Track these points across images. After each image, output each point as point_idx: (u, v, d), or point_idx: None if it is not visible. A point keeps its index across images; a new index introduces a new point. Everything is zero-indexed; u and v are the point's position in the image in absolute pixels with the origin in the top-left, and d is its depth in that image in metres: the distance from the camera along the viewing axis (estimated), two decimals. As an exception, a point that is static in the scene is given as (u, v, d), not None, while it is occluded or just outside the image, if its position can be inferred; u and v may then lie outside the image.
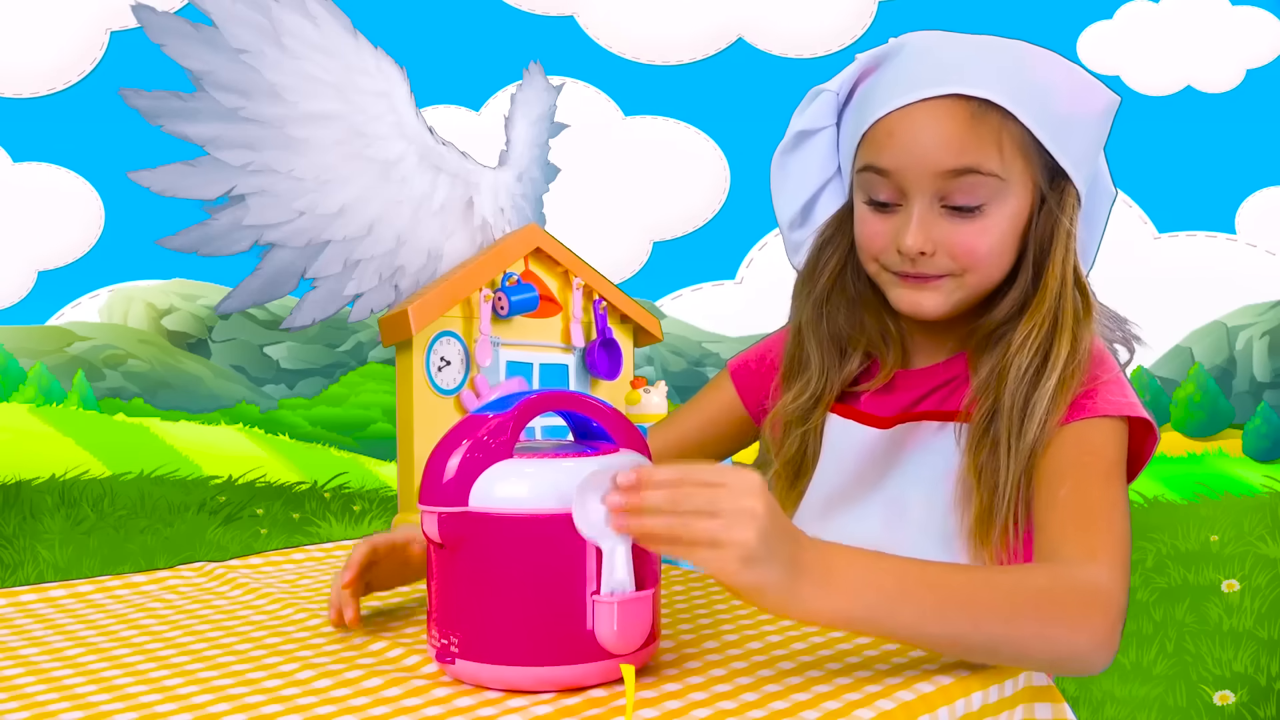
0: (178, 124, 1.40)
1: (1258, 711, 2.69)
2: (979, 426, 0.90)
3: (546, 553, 0.68)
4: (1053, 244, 0.91)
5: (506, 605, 0.68)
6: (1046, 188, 0.91)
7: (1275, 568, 4.09)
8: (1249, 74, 8.88)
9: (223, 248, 2.18)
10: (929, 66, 0.89)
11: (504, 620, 0.69)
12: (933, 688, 0.72)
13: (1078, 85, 0.92)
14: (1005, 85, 0.87)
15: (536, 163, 3.15)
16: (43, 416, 7.43)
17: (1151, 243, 8.59)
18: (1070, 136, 0.90)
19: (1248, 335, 9.87)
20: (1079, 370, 0.89)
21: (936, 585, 0.73)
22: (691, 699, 0.69)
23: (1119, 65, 9.11)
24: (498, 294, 1.36)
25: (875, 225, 0.91)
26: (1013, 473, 0.87)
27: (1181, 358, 10.08)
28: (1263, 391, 9.44)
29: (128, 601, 0.93)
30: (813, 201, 1.00)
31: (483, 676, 0.70)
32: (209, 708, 0.67)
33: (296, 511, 5.68)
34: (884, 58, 0.93)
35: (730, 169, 8.42)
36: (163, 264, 8.81)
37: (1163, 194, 8.64)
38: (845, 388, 0.99)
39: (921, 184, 0.88)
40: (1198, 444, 8.83)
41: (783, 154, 0.99)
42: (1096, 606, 0.77)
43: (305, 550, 1.12)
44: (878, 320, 0.98)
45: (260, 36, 1.38)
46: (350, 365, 10.90)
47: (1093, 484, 0.85)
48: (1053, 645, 0.75)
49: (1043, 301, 0.90)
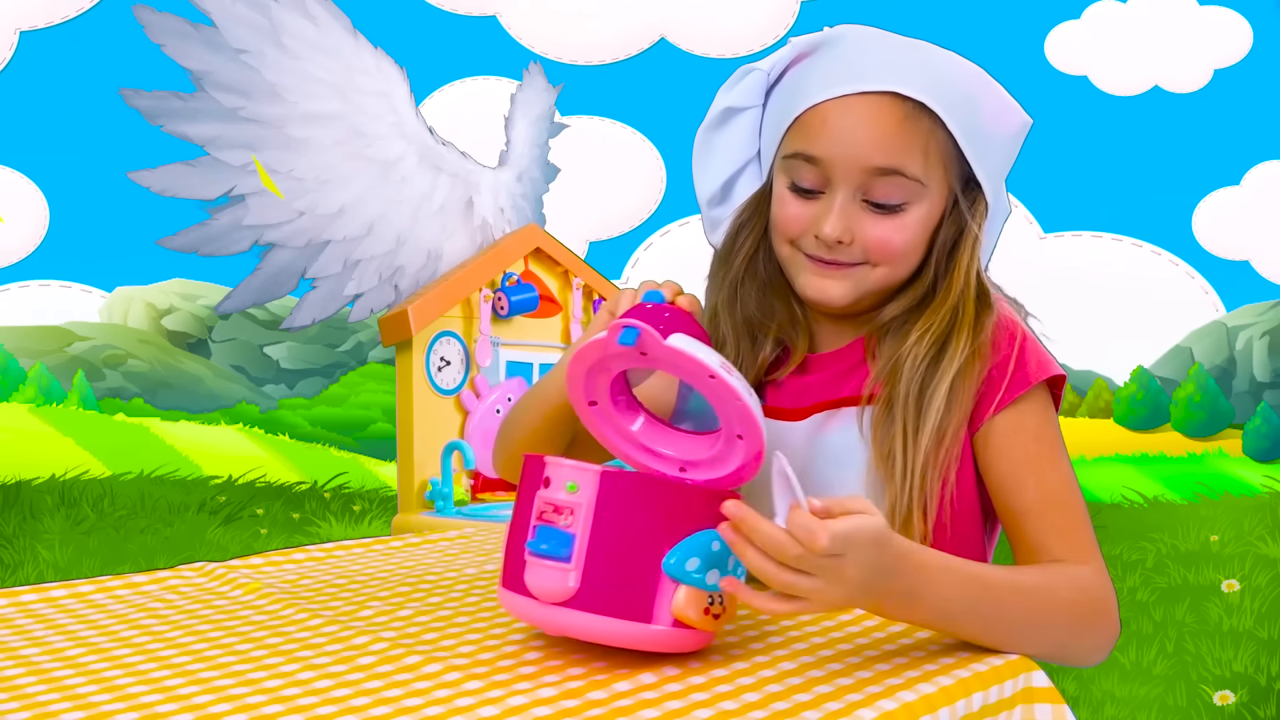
0: (178, 124, 1.40)
1: (1258, 711, 2.69)
2: (880, 415, 0.93)
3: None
4: (959, 247, 0.94)
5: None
6: (960, 195, 0.94)
7: (1275, 568, 4.09)
8: (1216, 74, 8.91)
9: (223, 248, 2.18)
10: (869, 61, 0.91)
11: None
12: (934, 688, 0.72)
13: (1000, 104, 0.95)
14: (940, 92, 0.89)
15: (536, 163, 3.14)
16: (43, 416, 7.43)
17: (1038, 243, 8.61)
18: (988, 150, 0.93)
19: (1248, 335, 9.86)
20: (979, 359, 0.92)
21: (994, 599, 0.81)
22: (693, 699, 0.69)
23: (1086, 65, 9.13)
24: (498, 294, 1.35)
25: (795, 209, 0.93)
26: (916, 463, 0.90)
27: (1181, 358, 10.07)
28: (1263, 391, 9.43)
29: (129, 602, 0.93)
30: (733, 180, 1.01)
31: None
32: (210, 708, 0.67)
33: (296, 511, 5.67)
34: (820, 45, 0.94)
35: (666, 169, 8.43)
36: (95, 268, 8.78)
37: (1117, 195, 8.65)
38: (760, 376, 1.00)
39: (848, 176, 0.90)
40: (1198, 444, 8.83)
41: (707, 130, 1.00)
42: (1106, 612, 0.86)
43: (305, 550, 1.11)
44: (786, 305, 1.00)
45: (260, 37, 1.38)
46: (350, 365, 10.89)
47: (1050, 474, 0.91)
48: (1075, 651, 0.86)
49: (945, 300, 0.93)
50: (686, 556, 0.73)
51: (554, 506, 0.74)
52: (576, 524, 0.73)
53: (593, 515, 0.73)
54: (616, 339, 0.77)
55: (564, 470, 0.75)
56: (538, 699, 0.69)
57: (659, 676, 0.73)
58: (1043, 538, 0.90)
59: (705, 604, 0.74)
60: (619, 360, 0.80)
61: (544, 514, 0.74)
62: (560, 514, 0.74)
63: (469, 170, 3.20)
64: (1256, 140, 9.15)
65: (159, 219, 2.69)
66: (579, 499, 0.73)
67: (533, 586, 0.74)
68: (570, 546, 0.73)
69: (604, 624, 0.73)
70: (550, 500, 0.74)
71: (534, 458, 0.77)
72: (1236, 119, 9.06)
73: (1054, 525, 0.90)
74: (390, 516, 5.37)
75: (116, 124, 2.88)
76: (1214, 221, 9.28)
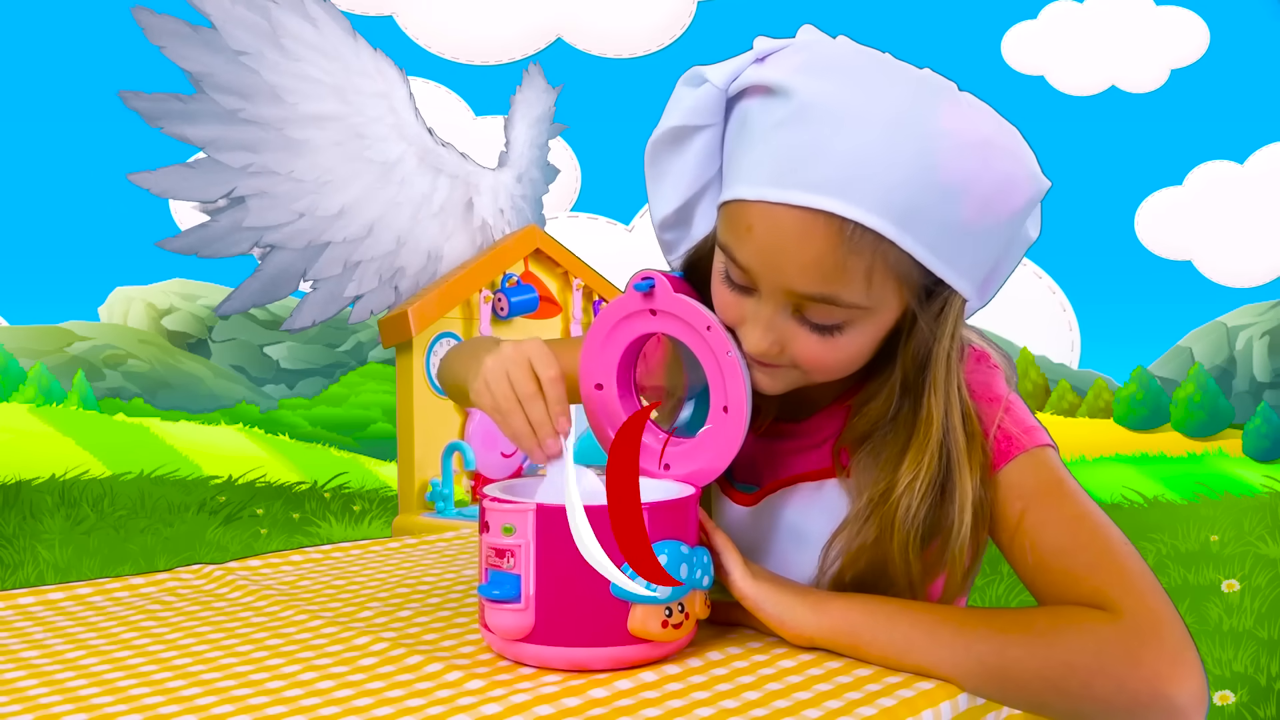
0: (178, 126, 1.41)
1: (1258, 711, 2.69)
2: (867, 535, 0.81)
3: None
4: (930, 365, 0.79)
5: None
6: (920, 306, 0.78)
7: (1275, 568, 4.10)
8: (1173, 74, 8.93)
9: (223, 249, 2.18)
10: (810, 158, 0.72)
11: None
12: (933, 685, 0.72)
13: (996, 186, 0.74)
14: (897, 204, 0.72)
15: (536, 164, 3.15)
16: (43, 416, 7.44)
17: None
18: (968, 248, 0.76)
19: (1248, 335, 9.88)
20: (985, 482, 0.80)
21: (929, 611, 0.77)
22: (694, 698, 0.70)
23: (1044, 65, 9.16)
24: (497, 295, 1.35)
25: (727, 298, 0.80)
26: (912, 567, 0.80)
27: (1181, 358, 10.09)
28: (1263, 391, 9.45)
29: (128, 604, 0.93)
30: (692, 203, 0.86)
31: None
32: (214, 709, 0.67)
33: (296, 511, 5.68)
34: (776, 90, 0.75)
35: (580, 167, 8.43)
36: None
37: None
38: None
39: (774, 293, 0.77)
40: (1198, 444, 8.84)
41: (657, 147, 0.85)
42: (1131, 662, 0.71)
43: (305, 552, 1.12)
44: None
45: (260, 38, 1.38)
46: (350, 365, 10.90)
47: (1049, 527, 0.78)
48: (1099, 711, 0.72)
49: (928, 436, 0.79)
50: (633, 576, 0.73)
51: (496, 550, 0.75)
52: (520, 564, 0.74)
53: (534, 555, 0.73)
54: (634, 285, 0.82)
55: (499, 514, 0.75)
56: (540, 697, 0.69)
57: (659, 675, 0.74)
58: (1055, 592, 0.77)
59: (663, 617, 0.74)
60: (630, 324, 0.83)
61: (489, 559, 0.76)
62: (503, 557, 0.74)
63: (469, 171, 3.20)
64: (1202, 140, 9.19)
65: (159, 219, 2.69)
66: (518, 540, 0.74)
67: (494, 626, 0.76)
68: (518, 588, 0.74)
69: (567, 654, 0.74)
70: (492, 545, 0.75)
71: (481, 495, 0.78)
72: (1184, 119, 9.10)
73: (1065, 575, 0.76)
74: (390, 517, 5.37)
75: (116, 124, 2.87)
76: (1156, 221, 9.32)
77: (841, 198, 0.72)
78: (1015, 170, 0.75)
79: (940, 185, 0.72)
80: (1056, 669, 0.71)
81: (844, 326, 0.77)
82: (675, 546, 0.75)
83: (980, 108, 0.76)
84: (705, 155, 0.83)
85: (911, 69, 0.77)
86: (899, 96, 0.73)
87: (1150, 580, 0.74)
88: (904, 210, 0.72)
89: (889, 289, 0.76)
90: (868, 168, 0.72)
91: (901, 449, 0.80)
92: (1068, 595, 0.76)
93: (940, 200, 0.73)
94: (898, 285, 0.76)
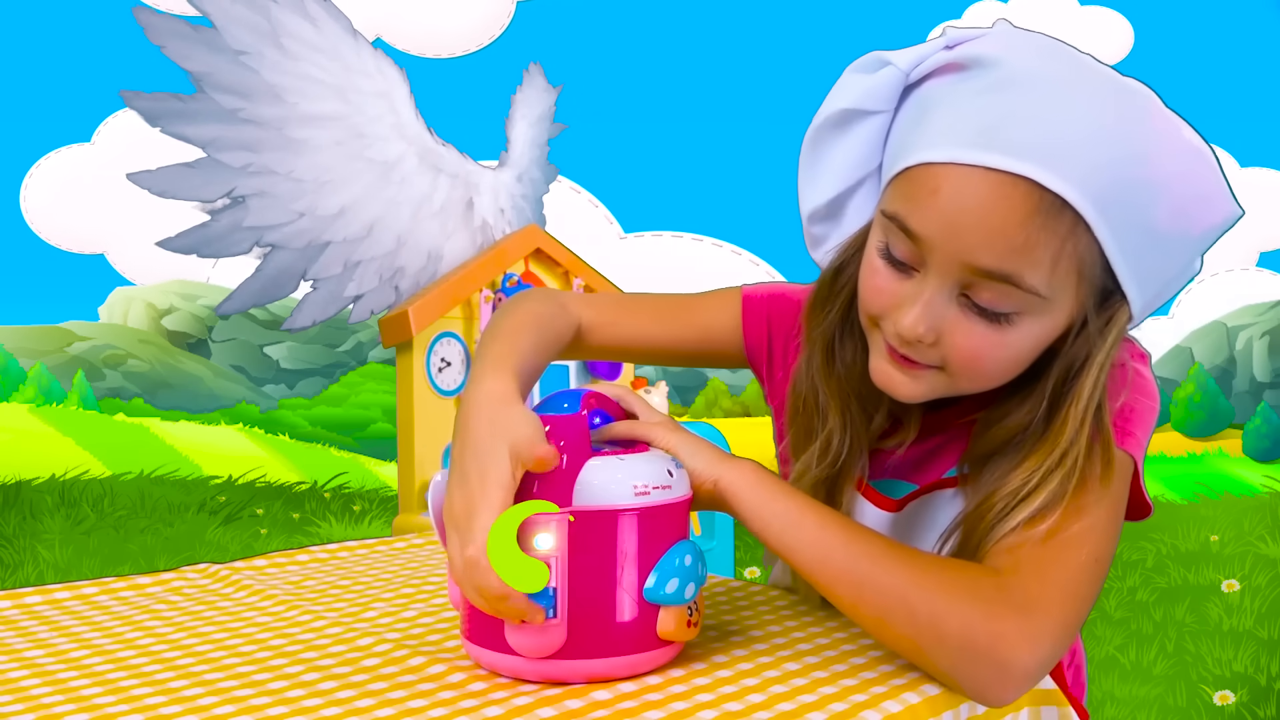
0: (177, 126, 1.40)
1: (1258, 711, 2.69)
2: (955, 545, 0.79)
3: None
4: (1081, 375, 0.74)
5: None
6: (1094, 310, 0.74)
7: (1275, 568, 4.10)
8: None
9: (223, 249, 2.18)
10: (1015, 122, 0.68)
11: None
12: (938, 690, 0.72)
13: (1197, 196, 0.72)
14: (1100, 185, 0.68)
15: (536, 163, 3.15)
16: (43, 416, 7.44)
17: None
18: (1153, 255, 0.72)
19: (1248, 335, 9.88)
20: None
21: (822, 507, 0.76)
22: (698, 700, 0.69)
23: None
24: (498, 295, 1.35)
25: (882, 281, 0.75)
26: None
27: (1181, 358, 10.09)
28: (1263, 391, 9.46)
29: (133, 603, 0.93)
30: (845, 197, 0.82)
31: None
32: (216, 709, 0.67)
33: (296, 511, 5.68)
34: (974, 64, 0.72)
35: None
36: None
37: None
38: (873, 444, 0.87)
39: (946, 267, 0.71)
40: (1198, 444, 8.85)
41: (820, 132, 0.80)
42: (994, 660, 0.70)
43: (309, 551, 1.11)
44: None
45: (260, 38, 1.38)
46: (350, 365, 10.91)
47: (1065, 537, 0.74)
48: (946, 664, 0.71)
49: (1055, 444, 0.74)
50: (665, 579, 0.71)
51: None
52: (554, 576, 0.69)
53: (568, 564, 0.69)
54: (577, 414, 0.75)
55: (529, 524, 0.68)
56: (542, 699, 0.69)
57: (664, 678, 0.74)
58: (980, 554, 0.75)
59: (686, 617, 0.73)
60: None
61: None
62: None
63: (469, 171, 3.20)
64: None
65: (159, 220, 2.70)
66: (551, 550, 0.68)
67: (516, 645, 0.70)
68: (553, 600, 0.69)
69: (597, 665, 0.71)
70: None
71: None
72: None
73: (1023, 552, 0.73)
74: (390, 516, 5.36)
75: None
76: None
77: (1045, 166, 0.67)
78: (1217, 187, 0.73)
79: (1145, 179, 0.69)
80: (917, 592, 0.70)
81: (1015, 317, 0.72)
82: (692, 546, 0.74)
83: (1184, 123, 0.73)
84: (870, 144, 0.79)
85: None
86: (1110, 82, 0.71)
87: (1072, 600, 0.71)
88: (1105, 194, 0.68)
89: (1070, 282, 0.71)
90: (1076, 140, 0.68)
91: (1020, 459, 0.76)
92: (987, 559, 0.74)
93: (1141, 193, 0.69)
94: (1078, 281, 0.72)
